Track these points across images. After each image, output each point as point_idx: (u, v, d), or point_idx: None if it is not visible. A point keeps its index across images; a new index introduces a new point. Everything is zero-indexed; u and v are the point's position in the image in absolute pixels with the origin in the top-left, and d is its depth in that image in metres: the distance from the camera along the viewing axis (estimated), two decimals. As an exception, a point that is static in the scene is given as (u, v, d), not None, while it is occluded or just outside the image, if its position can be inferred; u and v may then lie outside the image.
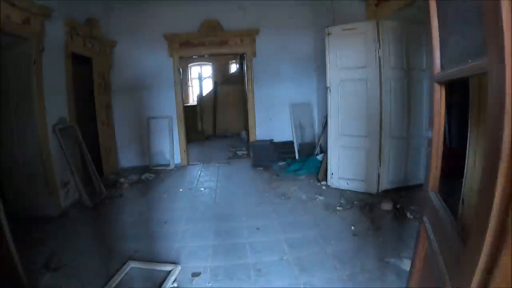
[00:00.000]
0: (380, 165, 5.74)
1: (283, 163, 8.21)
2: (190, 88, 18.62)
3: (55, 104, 6.06)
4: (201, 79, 17.57)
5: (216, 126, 15.56)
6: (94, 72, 7.84)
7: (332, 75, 6.08)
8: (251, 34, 8.70)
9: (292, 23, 8.74)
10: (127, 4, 8.57)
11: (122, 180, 7.54)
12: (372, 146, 5.77)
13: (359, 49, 5.71)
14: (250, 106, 9.05)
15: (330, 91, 6.11)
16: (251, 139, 9.00)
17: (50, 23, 5.83)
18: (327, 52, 6.07)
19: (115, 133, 8.89)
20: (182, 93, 9.14)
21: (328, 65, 6.10)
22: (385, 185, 5.83)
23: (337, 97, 6.05)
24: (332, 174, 6.29)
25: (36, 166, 5.59)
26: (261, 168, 8.11)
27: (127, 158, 9.04)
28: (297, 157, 8.37)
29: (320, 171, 6.82)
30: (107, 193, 6.68)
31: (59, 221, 5.48)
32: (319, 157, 7.57)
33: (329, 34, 5.99)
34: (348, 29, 5.79)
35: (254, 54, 8.81)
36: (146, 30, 8.73)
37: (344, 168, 6.14)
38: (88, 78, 7.78)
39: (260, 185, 6.77)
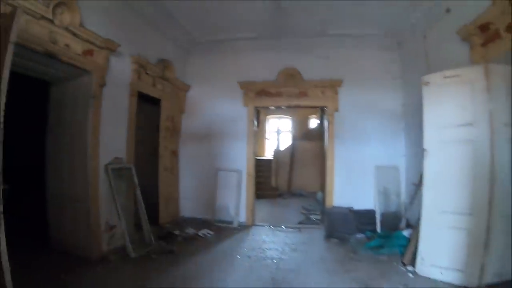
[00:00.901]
0: (485, 252, 4.41)
1: (362, 235, 6.99)
2: (266, 141, 18.27)
3: (112, 142, 5.87)
4: (279, 133, 17.16)
5: (291, 184, 14.88)
6: (162, 115, 7.71)
7: (430, 135, 4.91)
8: (333, 86, 7.96)
9: (378, 73, 7.90)
10: (204, 48, 8.61)
11: (177, 232, 7.01)
12: (476, 227, 4.40)
13: (463, 102, 4.53)
14: (329, 166, 8.04)
15: (426, 155, 4.93)
16: (328, 203, 7.94)
17: (116, 58, 5.80)
18: (424, 106, 4.95)
19: (178, 180, 8.54)
20: (256, 146, 8.60)
21: (425, 122, 4.95)
22: (490, 277, 4.45)
23: (435, 163, 4.84)
24: (422, 258, 4.94)
25: (82, 204, 5.32)
26: (335, 240, 6.88)
27: (189, 208, 8.60)
28: (378, 229, 7.15)
29: (407, 253, 5.51)
30: (157, 245, 6.15)
31: (95, 266, 5.05)
32: (406, 233, 6.23)
33: (426, 83, 4.93)
34: (450, 77, 4.68)
35: (336, 108, 7.96)
36: (221, 76, 8.58)
37: (438, 252, 4.73)
38: (155, 120, 7.62)
39: (332, 265, 5.58)
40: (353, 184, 7.77)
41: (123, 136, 6.18)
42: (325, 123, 8.39)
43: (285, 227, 8.07)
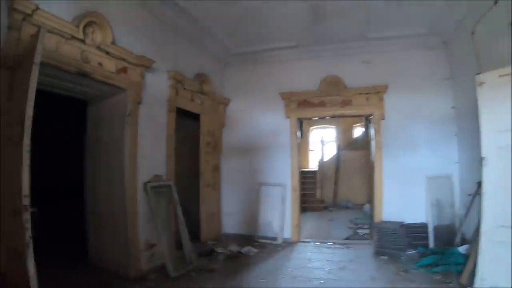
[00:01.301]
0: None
1: (413, 252, 6.50)
2: (310, 153, 17.86)
3: (152, 160, 5.81)
4: (323, 143, 16.76)
5: (337, 195, 14.44)
6: (202, 130, 7.62)
7: (488, 140, 4.32)
8: (378, 92, 7.49)
9: (424, 75, 7.31)
10: (242, 60, 8.51)
11: (219, 249, 6.83)
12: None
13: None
14: (377, 178, 7.53)
15: (485, 163, 4.33)
16: (376, 217, 7.42)
17: (152, 74, 5.77)
18: (480, 108, 4.38)
19: (221, 196, 8.42)
20: (299, 159, 8.31)
21: (481, 126, 4.38)
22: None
23: (495, 171, 4.23)
24: (481, 279, 4.23)
25: (120, 223, 5.25)
26: (385, 257, 6.45)
27: (231, 224, 8.43)
28: (431, 245, 6.58)
29: (464, 272, 4.86)
30: (198, 263, 5.98)
31: (133, 284, 4.97)
32: (462, 249, 5.68)
33: (480, 84, 4.36)
34: (506, 75, 4.07)
35: (382, 116, 7.47)
36: (261, 88, 8.41)
37: (500, 272, 4.05)
38: (195, 136, 7.57)
39: (382, 285, 5.12)
40: (403, 196, 7.17)
41: (162, 153, 6.13)
42: (371, 131, 7.90)
43: (332, 243, 7.68)
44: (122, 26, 5.06)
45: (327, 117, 8.65)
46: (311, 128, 17.76)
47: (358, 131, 16.35)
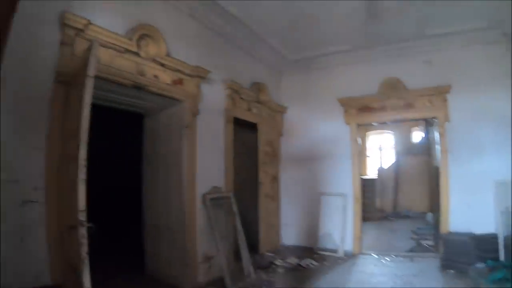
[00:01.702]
0: None
1: (482, 265, 5.84)
2: (368, 159, 17.00)
3: (210, 171, 5.75)
4: (380, 149, 16.02)
5: (396, 204, 13.76)
6: (260, 139, 7.43)
7: None
8: (441, 92, 6.92)
9: (489, 72, 6.63)
10: (297, 66, 8.28)
11: (278, 262, 6.60)
12: None
13: None
14: (443, 185, 6.91)
15: None
16: (442, 228, 6.80)
17: (208, 85, 5.72)
18: None
19: (280, 207, 8.19)
20: (361, 167, 7.94)
21: None
22: None
23: None
24: None
25: (178, 235, 5.20)
26: (452, 271, 5.98)
27: (290, 235, 8.16)
28: (502, 257, 5.94)
29: None
30: (256, 276, 5.80)
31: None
32: None
33: None
34: None
35: (446, 118, 6.89)
36: (318, 94, 8.12)
37: None
38: (253, 146, 7.41)
39: None
40: (470, 204, 6.46)
41: (220, 164, 6.05)
42: (435, 135, 7.35)
43: (394, 255, 7.18)
44: (175, 38, 5.02)
45: (388, 123, 8.15)
46: (368, 133, 16.98)
47: (416, 135, 15.39)
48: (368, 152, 16.91)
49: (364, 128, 15.20)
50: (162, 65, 4.72)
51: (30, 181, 3.22)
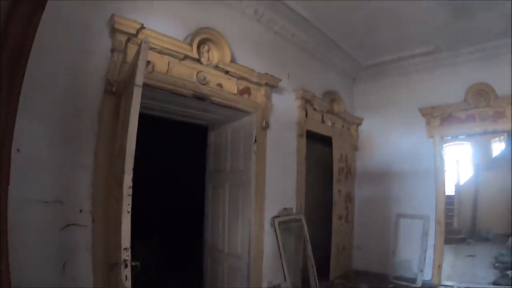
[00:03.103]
0: None
1: None
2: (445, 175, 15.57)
3: (281, 191, 5.15)
4: (458, 163, 14.55)
5: (475, 224, 12.32)
6: (335, 155, 6.63)
7: None
8: None
9: None
10: (372, 73, 7.42)
11: (350, 291, 5.81)
12: None
13: None
14: None
15: None
16: None
17: (278, 95, 5.10)
18: None
19: (353, 229, 7.34)
20: (445, 186, 6.92)
21: None
22: None
23: None
24: None
25: (241, 261, 4.64)
26: None
27: (362, 259, 7.26)
28: None
29: None
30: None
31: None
32: None
33: None
34: None
35: None
36: (396, 103, 7.16)
37: None
38: (325, 161, 6.64)
39: None
40: None
41: (292, 183, 5.40)
42: None
43: (479, 288, 6.04)
44: (240, 43, 4.47)
45: (477, 134, 7.06)
46: (444, 145, 15.49)
47: (497, 147, 13.71)
48: (446, 166, 15.50)
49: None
50: (226, 72, 4.13)
51: (76, 202, 2.87)
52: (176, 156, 7.37)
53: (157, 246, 6.63)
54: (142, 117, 4.02)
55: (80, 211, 2.86)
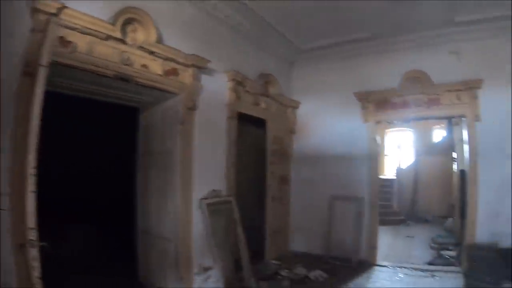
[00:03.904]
0: None
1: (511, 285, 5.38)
2: (386, 159, 16.52)
3: (209, 173, 5.44)
4: (399, 148, 15.48)
5: (414, 207, 13.47)
6: (268, 137, 7.06)
7: None
8: (470, 88, 6.37)
9: None
10: (310, 57, 7.86)
11: (284, 272, 6.29)
12: None
13: None
14: (471, 191, 6.41)
15: None
16: (468, 239, 6.33)
17: (208, 76, 5.35)
18: None
19: (289, 210, 7.84)
20: (379, 169, 7.49)
21: None
22: None
23: None
24: None
25: (171, 243, 4.91)
26: None
27: (300, 241, 7.81)
28: None
29: None
30: (257, 289, 5.47)
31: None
32: None
33: None
34: None
35: (477, 117, 6.37)
36: (333, 88, 7.66)
37: None
38: (260, 144, 7.06)
39: None
40: (500, 214, 6.00)
41: (221, 165, 5.71)
42: (458, 135, 6.98)
43: (413, 268, 6.79)
44: (168, 24, 4.64)
45: (411, 120, 7.66)
46: (387, 131, 16.34)
47: (438, 134, 14.89)
48: (386, 151, 16.51)
49: (383, 125, 14.75)
50: (152, 53, 4.32)
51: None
52: (109, 139, 7.47)
53: (91, 233, 6.74)
54: (70, 99, 4.23)
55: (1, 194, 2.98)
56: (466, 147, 6.66)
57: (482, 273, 5.62)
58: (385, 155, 16.49)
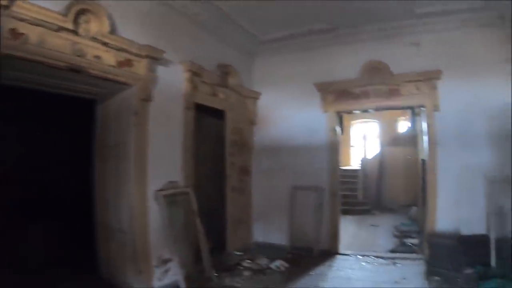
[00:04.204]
0: None
1: (471, 271, 5.71)
2: (352, 149, 17.34)
3: (165, 164, 5.52)
4: (365, 139, 16.05)
5: (380, 196, 14.07)
6: (227, 128, 7.22)
7: None
8: (430, 78, 6.68)
9: (484, 58, 6.41)
10: (271, 48, 8.06)
11: (246, 263, 6.48)
12: None
13: None
14: (430, 180, 6.77)
15: None
16: (428, 227, 6.68)
17: (164, 67, 5.44)
18: None
19: (251, 201, 8.05)
20: (338, 159, 7.74)
21: None
22: None
23: None
24: None
25: (128, 236, 4.99)
26: (438, 278, 5.78)
27: (262, 232, 8.06)
28: (493, 262, 5.79)
29: None
30: (218, 281, 5.66)
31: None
32: None
33: None
34: None
35: (436, 107, 6.70)
36: (295, 79, 7.89)
37: None
38: (221, 135, 7.22)
39: None
40: (460, 201, 6.40)
41: (178, 156, 5.78)
42: (422, 126, 7.17)
43: (375, 256, 7.08)
44: (124, 14, 4.70)
45: (371, 110, 7.95)
46: (353, 122, 17.08)
47: (402, 125, 15.57)
48: (352, 142, 17.18)
49: (348, 116, 15.16)
50: (105, 44, 4.39)
51: None
52: (68, 132, 7.38)
53: (51, 229, 6.66)
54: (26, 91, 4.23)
55: None
56: (425, 137, 6.99)
57: (443, 260, 5.95)
58: (352, 146, 17.18)
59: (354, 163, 16.42)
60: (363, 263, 6.80)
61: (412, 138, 10.12)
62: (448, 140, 6.61)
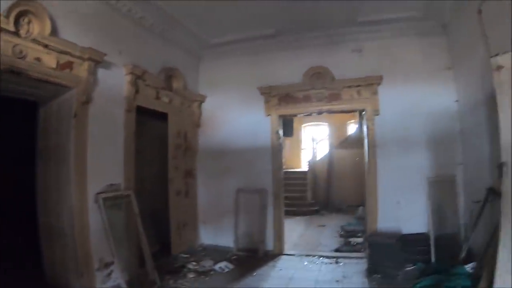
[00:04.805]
0: None
1: (412, 268, 6.14)
2: (302, 152, 18.24)
3: (105, 167, 5.67)
4: (314, 141, 16.85)
5: (329, 197, 14.77)
6: (170, 131, 7.48)
7: (509, 139, 3.50)
8: (371, 84, 7.28)
9: (423, 65, 7.10)
10: (217, 52, 8.42)
11: (191, 265, 6.74)
12: None
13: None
14: (370, 181, 7.30)
15: (506, 170, 3.50)
16: (370, 227, 7.17)
17: (106, 70, 5.63)
18: (498, 100, 3.65)
19: (196, 204, 8.38)
20: (282, 162, 8.15)
21: (501, 121, 3.60)
22: None
23: None
24: None
25: (69, 239, 5.12)
26: (379, 275, 6.11)
27: (208, 234, 8.39)
28: (432, 259, 6.31)
29: None
30: (161, 283, 5.87)
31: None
32: (470, 268, 5.18)
33: (498, 68, 3.64)
34: None
35: (376, 111, 7.27)
36: (239, 82, 8.33)
37: None
38: (165, 138, 7.46)
39: None
40: (401, 201, 6.99)
41: (119, 159, 5.94)
42: (364, 129, 7.67)
43: (319, 256, 7.52)
44: (66, 16, 4.89)
45: (313, 114, 8.38)
46: (303, 125, 18.12)
47: (352, 128, 16.49)
48: (302, 144, 18.07)
49: (299, 120, 15.80)
50: (46, 46, 4.55)
51: None
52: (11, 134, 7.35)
53: None
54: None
55: None
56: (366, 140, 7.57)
57: (384, 258, 6.35)
58: (302, 149, 18.12)
59: (304, 165, 17.05)
60: (306, 263, 7.21)
61: (360, 141, 10.66)
62: (388, 143, 7.24)
